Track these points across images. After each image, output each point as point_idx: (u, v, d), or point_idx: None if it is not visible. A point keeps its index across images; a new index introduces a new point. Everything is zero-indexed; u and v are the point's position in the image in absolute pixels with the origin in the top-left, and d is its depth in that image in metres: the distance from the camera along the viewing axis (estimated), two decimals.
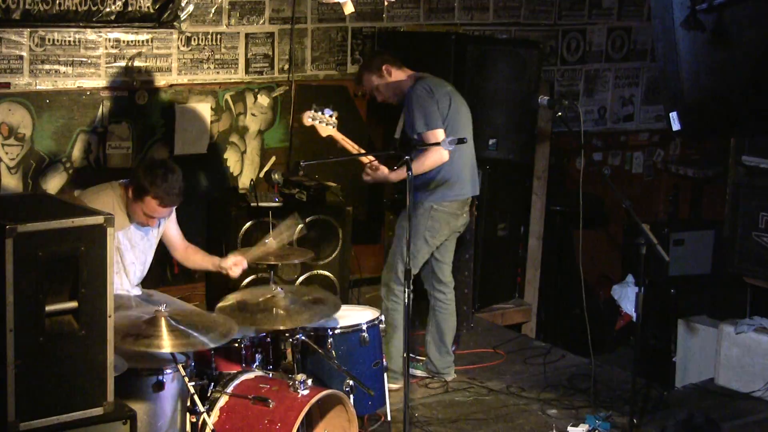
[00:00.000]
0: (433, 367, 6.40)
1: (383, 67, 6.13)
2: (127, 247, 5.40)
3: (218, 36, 6.88)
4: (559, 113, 6.19)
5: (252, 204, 6.61)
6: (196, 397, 4.56)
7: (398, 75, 6.15)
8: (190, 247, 5.71)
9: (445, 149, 5.80)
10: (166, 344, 4.37)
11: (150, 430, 4.57)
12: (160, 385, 4.58)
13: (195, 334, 4.47)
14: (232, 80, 7.00)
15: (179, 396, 4.67)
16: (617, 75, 8.75)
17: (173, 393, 4.64)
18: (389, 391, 5.64)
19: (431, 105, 5.96)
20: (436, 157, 5.90)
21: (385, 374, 5.61)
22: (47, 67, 6.31)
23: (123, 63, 6.55)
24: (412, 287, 5.19)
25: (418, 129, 5.95)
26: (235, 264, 5.50)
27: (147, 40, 6.61)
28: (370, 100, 7.50)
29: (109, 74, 6.52)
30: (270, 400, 4.65)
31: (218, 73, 6.92)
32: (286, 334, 5.18)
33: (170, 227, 5.61)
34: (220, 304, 5.07)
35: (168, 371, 4.61)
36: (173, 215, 5.60)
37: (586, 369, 6.57)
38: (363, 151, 6.24)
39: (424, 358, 6.46)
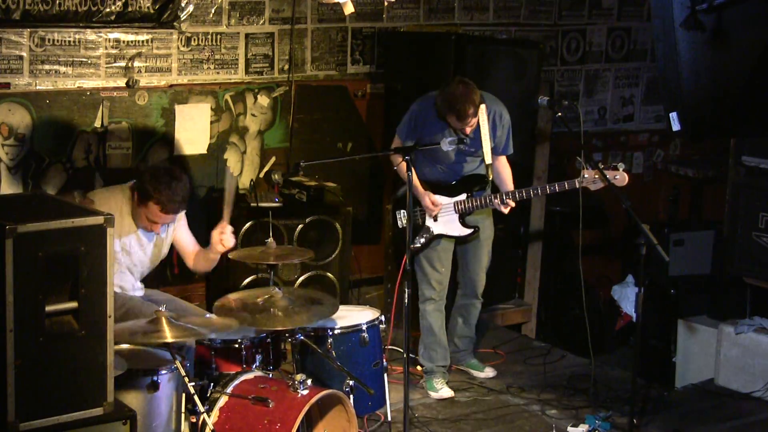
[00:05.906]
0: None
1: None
2: (135, 249, 5.41)
3: (218, 36, 6.88)
4: (559, 113, 6.18)
5: (252, 204, 6.62)
6: (196, 398, 4.56)
7: None
8: (198, 252, 5.63)
9: (445, 149, 5.87)
10: (169, 336, 4.44)
11: (145, 431, 4.56)
12: (154, 386, 4.57)
13: (195, 327, 4.60)
14: (232, 80, 6.99)
15: (174, 397, 4.67)
16: (617, 75, 8.75)
17: (168, 393, 4.63)
18: (440, 398, 6.16)
19: None
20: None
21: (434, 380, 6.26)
22: (47, 67, 6.31)
23: (123, 63, 6.55)
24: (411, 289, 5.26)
25: (512, 146, 6.31)
26: (220, 233, 5.33)
27: (147, 40, 6.61)
28: (371, 101, 7.51)
29: (109, 74, 6.52)
30: (269, 400, 4.65)
31: (218, 73, 6.92)
32: (286, 335, 5.19)
33: (182, 235, 5.60)
34: (218, 303, 5.08)
35: (163, 372, 4.60)
36: (184, 222, 5.59)
37: (586, 369, 6.58)
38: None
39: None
